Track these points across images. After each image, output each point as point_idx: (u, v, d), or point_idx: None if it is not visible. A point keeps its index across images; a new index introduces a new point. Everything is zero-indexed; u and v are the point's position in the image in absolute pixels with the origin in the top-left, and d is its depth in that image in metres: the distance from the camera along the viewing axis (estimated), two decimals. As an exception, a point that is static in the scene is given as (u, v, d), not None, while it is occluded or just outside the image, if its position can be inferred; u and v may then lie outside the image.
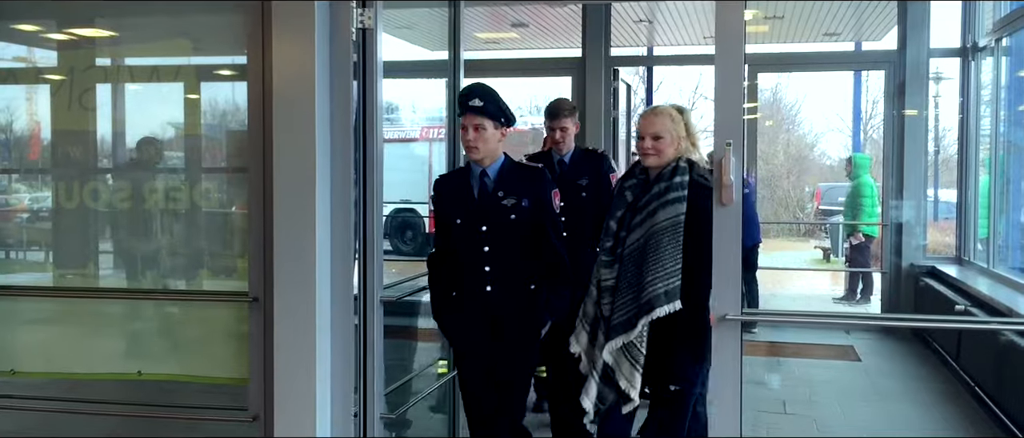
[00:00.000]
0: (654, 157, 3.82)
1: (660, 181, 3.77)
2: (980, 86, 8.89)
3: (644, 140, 3.82)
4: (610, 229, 3.85)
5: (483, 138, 3.99)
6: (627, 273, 3.74)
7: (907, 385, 7.02)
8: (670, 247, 3.65)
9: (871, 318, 9.58)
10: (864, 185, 10.89)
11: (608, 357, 3.74)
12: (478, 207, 4.04)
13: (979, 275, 8.09)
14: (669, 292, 3.62)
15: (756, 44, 11.10)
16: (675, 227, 3.66)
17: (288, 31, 3.71)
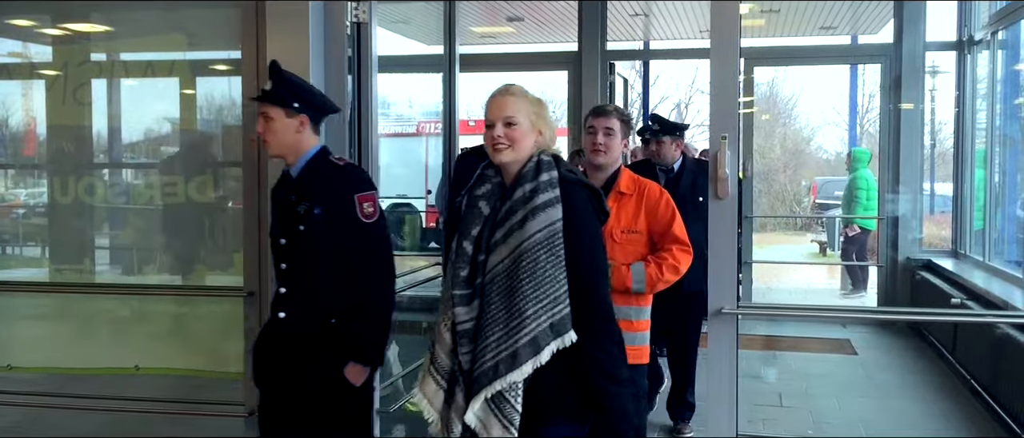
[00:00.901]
0: (508, 150, 2.89)
1: (522, 183, 2.87)
2: (976, 80, 8.89)
3: (493, 128, 2.89)
4: (464, 253, 2.91)
5: (272, 129, 3.35)
6: (491, 307, 2.84)
7: (903, 378, 7.03)
8: (550, 266, 2.78)
9: (867, 311, 9.59)
10: (859, 179, 10.95)
11: (472, 418, 2.82)
12: (278, 214, 3.46)
13: (975, 268, 8.10)
14: (557, 323, 2.76)
15: (752, 38, 11.10)
16: (552, 239, 2.80)
17: (282, 26, 3.71)
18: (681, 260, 3.70)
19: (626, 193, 3.74)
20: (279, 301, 3.40)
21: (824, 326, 8.70)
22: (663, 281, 3.68)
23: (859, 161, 11.14)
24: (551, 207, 2.80)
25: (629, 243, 3.70)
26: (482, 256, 2.88)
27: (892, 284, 9.06)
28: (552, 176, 2.87)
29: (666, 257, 3.69)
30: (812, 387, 6.73)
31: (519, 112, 2.91)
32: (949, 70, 10.20)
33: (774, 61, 11.62)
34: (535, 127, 2.93)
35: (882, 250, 9.30)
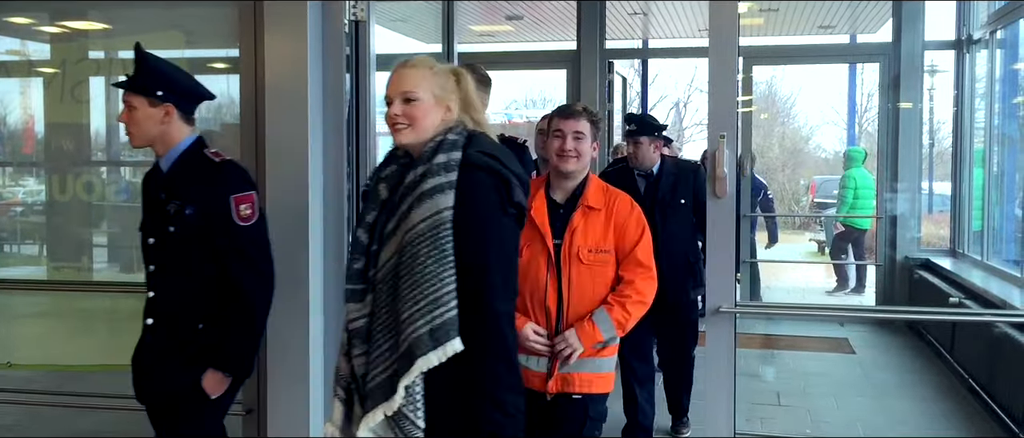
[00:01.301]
0: (408, 130, 2.57)
1: (416, 165, 2.55)
2: (974, 79, 8.89)
3: (392, 105, 2.60)
4: (358, 243, 2.63)
5: (134, 119, 3.10)
6: (382, 309, 2.52)
7: (901, 377, 7.04)
8: (432, 262, 2.40)
9: (865, 310, 9.59)
10: (847, 177, 11.05)
11: (367, 434, 2.51)
12: (146, 211, 3.24)
13: (973, 267, 8.11)
14: (437, 329, 2.37)
15: (751, 37, 11.09)
16: (436, 230, 2.42)
17: (280, 24, 3.71)
18: (646, 291, 3.31)
19: (595, 207, 3.33)
20: (147, 306, 3.15)
21: (822, 325, 8.70)
22: (633, 319, 3.29)
23: (853, 160, 11.19)
24: (439, 194, 2.44)
25: (597, 264, 3.29)
26: (375, 246, 2.58)
27: (890, 283, 9.06)
28: (450, 158, 2.50)
29: (629, 294, 3.27)
30: (810, 386, 6.74)
31: (420, 86, 2.59)
32: (948, 69, 10.21)
33: (773, 60, 11.62)
34: (441, 102, 2.60)
35: (880, 249, 9.30)
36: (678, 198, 5.05)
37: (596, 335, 3.21)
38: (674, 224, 5.02)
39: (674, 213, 5.02)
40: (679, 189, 5.06)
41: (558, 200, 3.35)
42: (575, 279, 3.25)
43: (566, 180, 3.35)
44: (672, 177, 5.12)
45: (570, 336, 3.20)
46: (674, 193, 5.05)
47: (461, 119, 2.65)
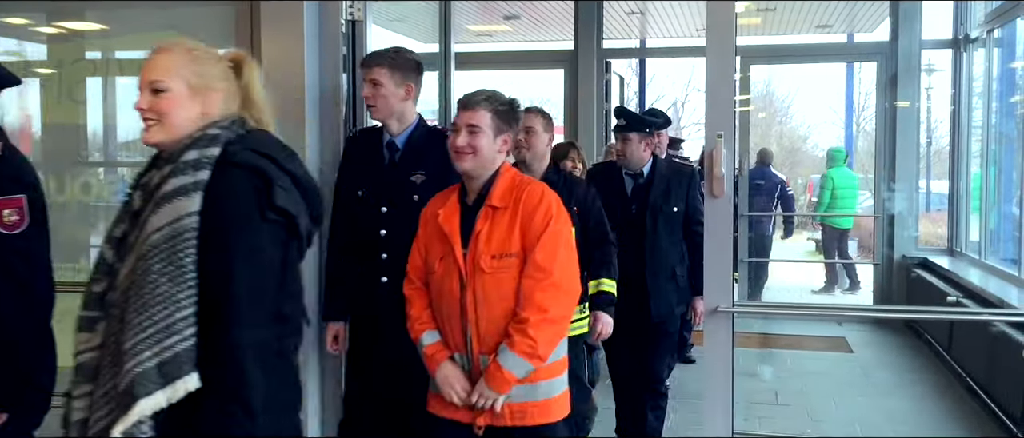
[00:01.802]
0: (156, 127, 2.15)
1: (161, 165, 2.15)
2: (972, 77, 8.90)
3: (141, 96, 2.18)
4: (102, 262, 2.16)
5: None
6: (111, 337, 2.05)
7: (899, 376, 7.04)
8: (165, 280, 1.96)
9: (863, 309, 9.60)
10: (825, 178, 11.14)
11: None
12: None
13: (971, 266, 8.11)
14: (167, 363, 1.93)
15: (748, 36, 11.09)
16: (173, 241, 1.97)
17: (277, 24, 3.70)
18: (550, 303, 2.77)
19: (499, 206, 2.86)
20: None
21: (820, 324, 8.71)
22: (545, 343, 2.77)
23: (833, 160, 11.26)
24: (182, 197, 1.99)
25: (503, 270, 2.80)
26: (120, 264, 2.09)
27: (888, 282, 9.06)
28: (204, 155, 2.05)
29: (526, 316, 2.74)
30: (808, 385, 6.74)
31: (170, 74, 2.12)
32: (945, 68, 10.22)
33: (770, 59, 11.62)
34: (201, 93, 2.14)
35: (878, 248, 9.30)
36: (671, 204, 4.58)
37: (510, 379, 2.75)
38: (664, 234, 4.58)
39: (666, 221, 4.58)
40: (673, 194, 4.59)
41: (470, 204, 2.94)
42: (481, 293, 2.81)
43: (471, 180, 2.92)
44: (665, 180, 4.61)
45: (482, 387, 2.78)
46: (667, 198, 4.58)
47: (240, 116, 2.19)
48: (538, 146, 3.94)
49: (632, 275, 4.36)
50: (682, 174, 4.74)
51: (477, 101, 2.89)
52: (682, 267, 4.61)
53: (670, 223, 4.57)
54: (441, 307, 2.89)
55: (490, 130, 2.87)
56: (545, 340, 2.76)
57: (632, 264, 4.38)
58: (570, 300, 2.89)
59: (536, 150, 3.94)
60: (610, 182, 4.58)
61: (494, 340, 2.80)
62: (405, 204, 3.34)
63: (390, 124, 3.47)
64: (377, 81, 3.40)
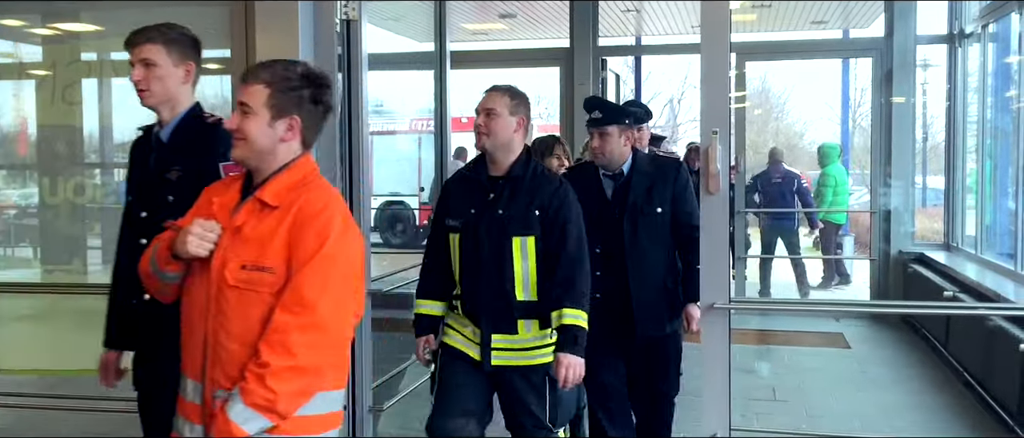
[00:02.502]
0: None
1: None
2: (967, 73, 8.91)
3: None
4: None
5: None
6: None
7: (896, 372, 7.04)
8: None
9: (860, 305, 9.60)
10: (826, 175, 11.08)
11: None
12: None
13: (967, 261, 8.12)
14: None
15: (743, 33, 11.10)
16: None
17: (272, 24, 3.70)
18: (307, 350, 2.15)
19: (271, 205, 2.27)
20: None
21: (817, 320, 8.71)
22: (285, 397, 2.15)
23: (828, 156, 11.24)
24: None
25: (252, 289, 2.21)
26: None
27: (884, 277, 9.08)
28: None
29: (267, 361, 2.13)
30: (805, 381, 6.74)
31: None
32: (940, 64, 10.23)
33: (766, 56, 11.62)
34: None
35: (875, 243, 9.32)
36: (654, 205, 4.01)
37: (233, 430, 2.13)
38: (647, 238, 4.01)
39: (648, 224, 4.00)
40: (656, 193, 4.02)
41: None
42: (225, 310, 2.23)
43: (255, 173, 2.38)
44: (647, 178, 4.05)
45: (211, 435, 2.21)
46: (649, 198, 4.02)
47: None
48: (500, 132, 3.36)
49: (616, 291, 3.93)
50: (666, 169, 4.13)
51: (250, 73, 2.39)
52: (673, 277, 4.08)
53: (654, 226, 4.00)
54: (188, 318, 2.34)
55: (263, 110, 2.32)
56: (289, 393, 2.14)
57: (616, 278, 3.94)
58: (335, 351, 2.25)
59: (497, 136, 3.36)
60: (587, 185, 3.95)
61: (237, 373, 2.19)
62: (160, 207, 2.80)
63: (162, 111, 2.95)
64: (150, 61, 2.92)
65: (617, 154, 4.01)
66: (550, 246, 3.35)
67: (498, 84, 3.45)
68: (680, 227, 4.02)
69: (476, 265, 3.37)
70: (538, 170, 3.46)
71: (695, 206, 3.90)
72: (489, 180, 3.42)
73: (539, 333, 3.39)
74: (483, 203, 3.38)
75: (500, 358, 3.37)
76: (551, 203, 3.37)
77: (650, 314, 3.99)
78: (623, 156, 4.04)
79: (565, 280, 3.33)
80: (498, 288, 3.34)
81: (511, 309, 3.35)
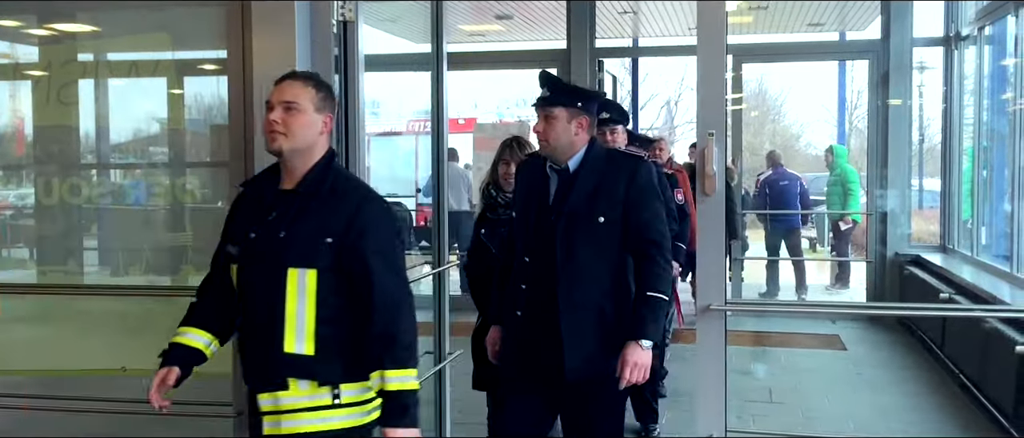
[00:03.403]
0: None
1: None
2: (963, 75, 8.93)
3: None
4: None
5: None
6: None
7: (892, 373, 7.06)
8: None
9: (856, 306, 9.62)
10: (851, 172, 11.05)
11: None
12: None
13: (963, 263, 8.13)
14: None
15: (740, 35, 11.12)
16: None
17: (268, 25, 3.69)
18: None
19: None
20: None
21: (813, 322, 8.72)
22: None
23: (841, 156, 11.26)
24: None
25: None
26: None
27: (881, 279, 9.10)
28: None
29: None
30: (801, 383, 6.76)
31: None
32: (937, 66, 10.26)
33: (763, 57, 11.65)
34: None
35: (871, 245, 9.33)
36: (597, 211, 3.20)
37: None
38: (587, 251, 3.20)
39: (589, 233, 3.20)
40: (602, 196, 3.22)
41: None
42: None
43: None
44: (595, 177, 3.26)
45: None
46: (592, 201, 3.22)
47: None
48: (301, 131, 2.69)
49: (542, 315, 3.23)
50: (620, 168, 3.30)
51: None
52: (614, 303, 3.25)
53: (595, 237, 3.20)
54: None
55: None
56: None
57: (544, 299, 3.23)
58: None
59: (297, 137, 2.68)
60: (532, 179, 3.39)
61: None
62: None
63: None
64: None
65: (564, 143, 3.25)
66: (355, 286, 2.64)
67: (298, 71, 2.92)
68: (631, 240, 3.21)
69: (249, 302, 2.72)
70: (340, 183, 2.73)
71: (657, 215, 3.27)
72: (278, 194, 2.72)
73: (318, 391, 2.64)
74: (264, 223, 2.69)
75: (269, 426, 2.68)
76: (350, 227, 2.63)
77: (580, 348, 3.18)
78: (572, 147, 3.27)
79: (383, 336, 2.59)
80: (265, 335, 2.64)
81: (279, 364, 2.62)
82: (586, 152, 3.30)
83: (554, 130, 3.26)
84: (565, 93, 3.33)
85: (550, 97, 3.27)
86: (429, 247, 6.26)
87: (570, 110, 3.26)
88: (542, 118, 3.27)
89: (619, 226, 3.22)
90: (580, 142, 3.29)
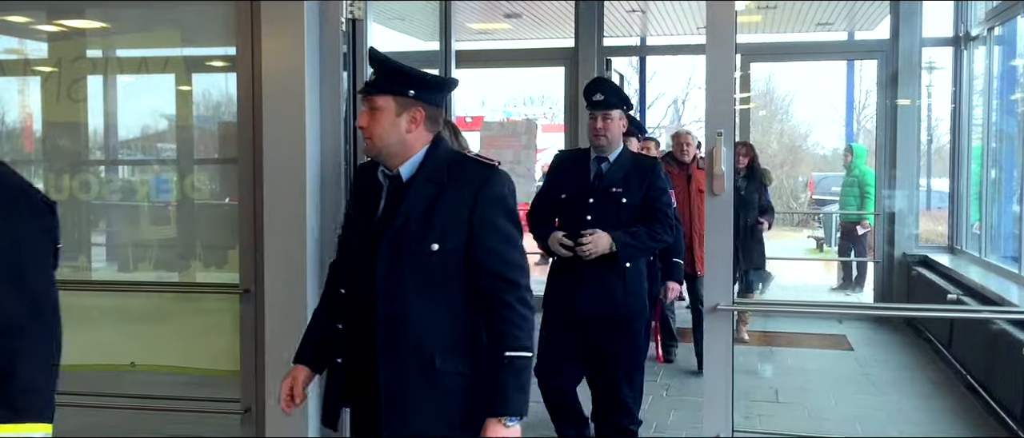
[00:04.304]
0: None
1: None
2: (972, 76, 8.90)
3: None
4: None
5: None
6: None
7: (899, 374, 7.04)
8: None
9: (863, 307, 9.60)
10: (869, 173, 11.00)
11: None
12: None
13: (971, 264, 8.11)
14: None
15: (749, 34, 11.10)
16: None
17: (277, 22, 3.70)
18: None
19: None
20: None
21: (820, 322, 8.70)
22: None
23: (860, 157, 11.19)
24: None
25: None
26: None
27: (888, 280, 9.07)
28: None
29: None
30: (808, 383, 6.74)
31: None
32: (946, 66, 10.22)
33: (771, 57, 11.63)
34: None
35: (879, 245, 9.31)
36: (429, 236, 2.44)
37: None
38: (416, 286, 2.46)
39: (417, 265, 2.46)
40: (437, 216, 2.46)
41: None
42: None
43: None
44: (433, 188, 2.50)
45: None
46: (425, 223, 2.46)
47: None
48: None
49: (362, 365, 2.55)
50: (467, 179, 2.51)
51: None
52: (454, 356, 2.50)
53: (426, 270, 2.47)
54: None
55: None
56: None
57: (362, 345, 2.54)
58: None
59: None
60: (364, 191, 2.66)
61: None
62: None
63: None
64: None
65: (392, 143, 2.51)
66: None
67: None
68: (478, 276, 2.47)
69: None
70: None
71: (510, 241, 2.47)
72: None
73: None
74: None
75: None
76: None
77: (402, 415, 2.46)
78: (405, 148, 2.52)
79: None
80: None
81: None
82: (426, 156, 2.53)
83: (380, 125, 2.50)
84: (392, 77, 2.53)
85: (375, 82, 2.54)
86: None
87: (399, 100, 2.50)
88: (366, 109, 2.53)
89: (459, 255, 2.45)
90: (415, 142, 2.52)
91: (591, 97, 4.07)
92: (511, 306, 2.43)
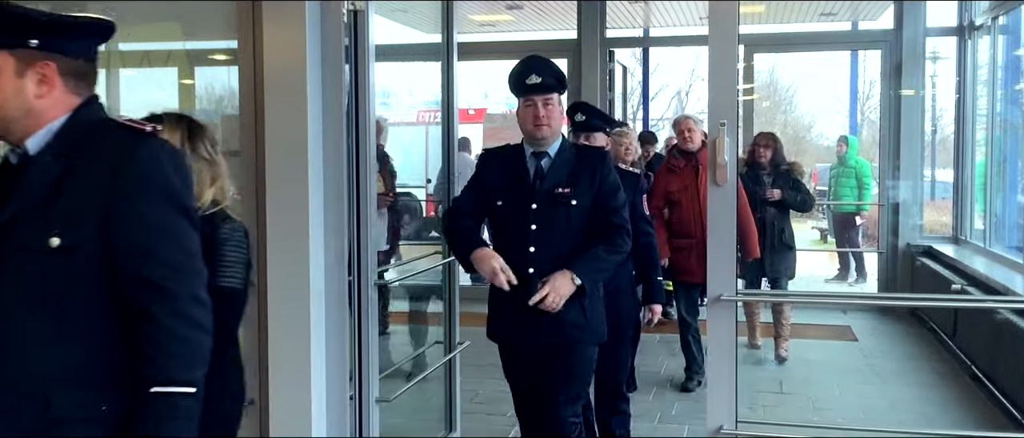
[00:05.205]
0: None
1: None
2: (977, 65, 8.87)
3: None
4: None
5: None
6: None
7: (903, 364, 7.04)
8: None
9: (867, 297, 9.59)
10: (864, 164, 11.00)
11: None
12: None
13: (975, 254, 8.10)
14: None
15: (752, 24, 11.07)
16: None
17: (279, 14, 3.69)
18: None
19: None
20: None
21: (824, 312, 8.70)
22: None
23: (854, 148, 11.21)
24: None
25: None
26: None
27: (892, 270, 9.07)
28: None
29: None
30: (812, 374, 6.74)
31: None
32: (950, 56, 10.20)
33: (774, 48, 11.60)
34: None
35: (883, 236, 9.30)
36: (49, 231, 1.87)
37: None
38: (17, 302, 1.90)
39: (29, 276, 1.90)
40: (61, 207, 1.89)
41: None
42: None
43: None
44: (58, 168, 1.94)
45: None
46: (44, 216, 1.90)
47: None
48: None
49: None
50: (104, 155, 1.96)
51: None
52: (82, 389, 1.94)
53: (43, 280, 1.91)
54: None
55: None
56: None
57: None
58: None
59: None
60: None
61: None
62: None
63: None
64: None
65: (13, 110, 1.96)
66: None
67: None
68: (120, 282, 1.92)
69: None
70: None
71: (161, 244, 1.90)
72: None
73: None
74: None
75: None
76: None
77: None
78: (30, 119, 1.99)
79: None
80: None
81: None
82: (64, 125, 1.97)
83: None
84: (4, 24, 1.98)
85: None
86: (438, 237, 6.28)
87: (19, 54, 1.95)
88: None
89: (100, 256, 1.87)
90: (49, 108, 1.96)
91: (524, 80, 3.55)
92: (160, 323, 1.83)
